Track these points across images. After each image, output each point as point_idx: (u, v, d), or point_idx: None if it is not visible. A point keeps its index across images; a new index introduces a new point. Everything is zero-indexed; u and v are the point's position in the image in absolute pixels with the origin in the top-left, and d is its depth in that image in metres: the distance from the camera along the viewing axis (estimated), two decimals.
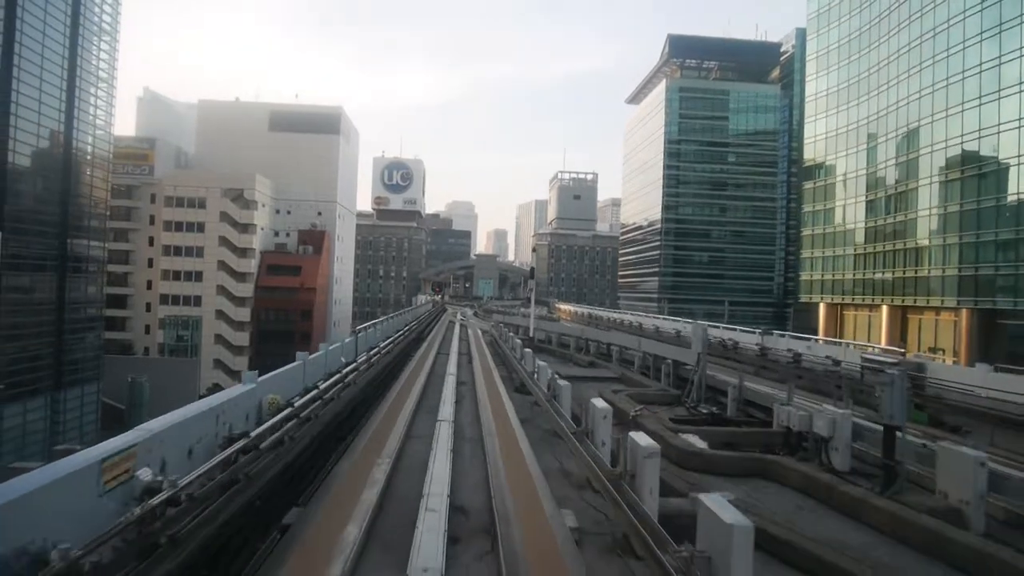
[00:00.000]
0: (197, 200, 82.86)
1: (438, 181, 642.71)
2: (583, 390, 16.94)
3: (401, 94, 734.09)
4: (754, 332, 35.91)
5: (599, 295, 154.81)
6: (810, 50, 70.32)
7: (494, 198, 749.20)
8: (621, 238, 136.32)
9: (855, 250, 61.65)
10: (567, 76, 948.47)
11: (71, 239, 51.70)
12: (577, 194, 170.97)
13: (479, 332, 36.12)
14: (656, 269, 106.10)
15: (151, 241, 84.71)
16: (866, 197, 59.46)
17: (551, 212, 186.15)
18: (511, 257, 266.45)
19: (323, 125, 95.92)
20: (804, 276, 69.76)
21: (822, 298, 66.89)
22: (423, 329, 36.97)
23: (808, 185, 69.85)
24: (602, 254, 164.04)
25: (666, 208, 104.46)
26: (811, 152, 69.44)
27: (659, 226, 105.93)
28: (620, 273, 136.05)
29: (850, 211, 62.60)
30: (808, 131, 69.97)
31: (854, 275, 61.60)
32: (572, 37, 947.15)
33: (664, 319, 46.37)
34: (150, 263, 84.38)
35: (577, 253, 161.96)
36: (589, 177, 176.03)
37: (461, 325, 43.17)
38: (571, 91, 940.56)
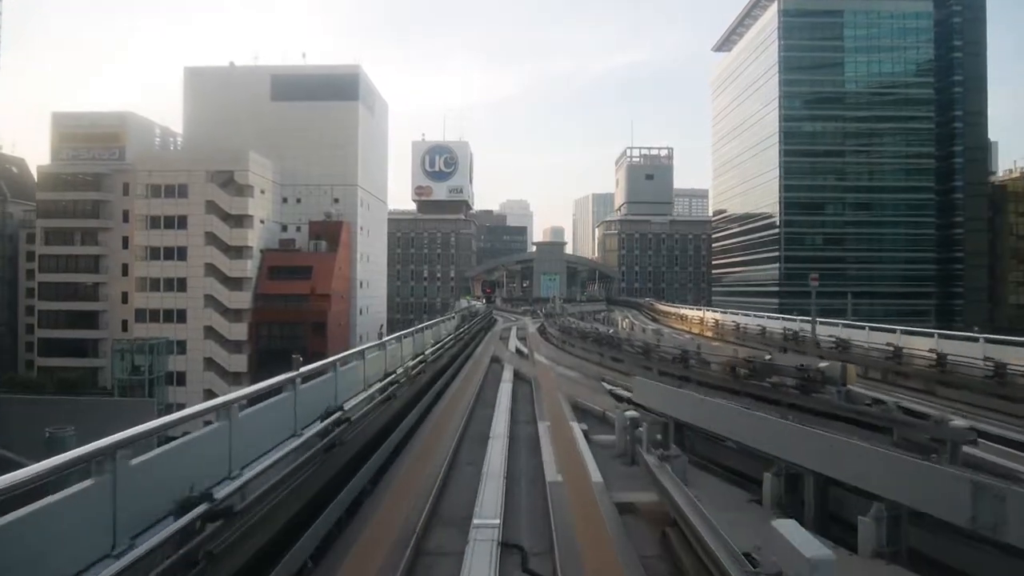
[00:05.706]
0: (177, 188, 64.12)
1: (491, 180, 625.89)
2: None
3: (449, 99, 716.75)
4: None
5: (680, 291, 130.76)
6: None
7: (549, 197, 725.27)
8: (714, 220, 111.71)
9: None
10: (622, 69, 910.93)
11: None
12: (650, 174, 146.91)
13: (585, 451, 8.66)
14: (775, 254, 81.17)
15: (125, 243, 66.91)
16: None
17: (619, 197, 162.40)
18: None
19: (338, 90, 75.70)
20: None
21: None
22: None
23: None
24: (682, 242, 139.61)
25: (787, 173, 79.42)
26: None
27: (776, 199, 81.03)
28: (714, 262, 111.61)
29: None
30: None
31: None
32: (624, 29, 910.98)
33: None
34: (125, 270, 66.57)
35: (652, 242, 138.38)
36: (663, 153, 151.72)
37: (515, 377, 16.00)
38: (625, 86, 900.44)
